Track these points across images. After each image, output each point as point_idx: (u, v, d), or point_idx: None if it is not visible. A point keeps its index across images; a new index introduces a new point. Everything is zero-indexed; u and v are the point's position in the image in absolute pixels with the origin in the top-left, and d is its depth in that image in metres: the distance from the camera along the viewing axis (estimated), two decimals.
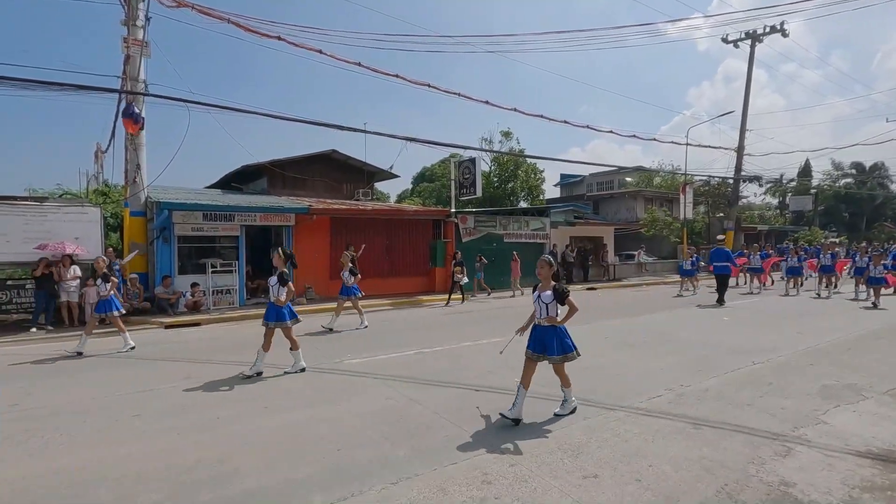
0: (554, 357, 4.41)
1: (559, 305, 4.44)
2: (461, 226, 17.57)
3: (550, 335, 4.44)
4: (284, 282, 6.37)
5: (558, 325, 4.43)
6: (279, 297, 6.33)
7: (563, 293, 4.37)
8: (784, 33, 24.31)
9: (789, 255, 16.92)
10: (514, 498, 3.09)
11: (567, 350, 4.46)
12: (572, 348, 4.48)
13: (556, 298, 4.39)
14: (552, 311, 4.44)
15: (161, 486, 3.32)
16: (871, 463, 3.55)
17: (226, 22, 11.89)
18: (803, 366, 6.38)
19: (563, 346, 4.44)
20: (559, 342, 4.43)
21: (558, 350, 4.41)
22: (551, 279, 4.51)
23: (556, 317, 4.43)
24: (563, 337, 4.48)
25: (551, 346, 4.41)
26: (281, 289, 6.36)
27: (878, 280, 12.58)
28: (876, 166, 51.04)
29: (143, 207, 12.50)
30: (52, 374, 6.65)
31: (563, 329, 4.50)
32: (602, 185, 39.00)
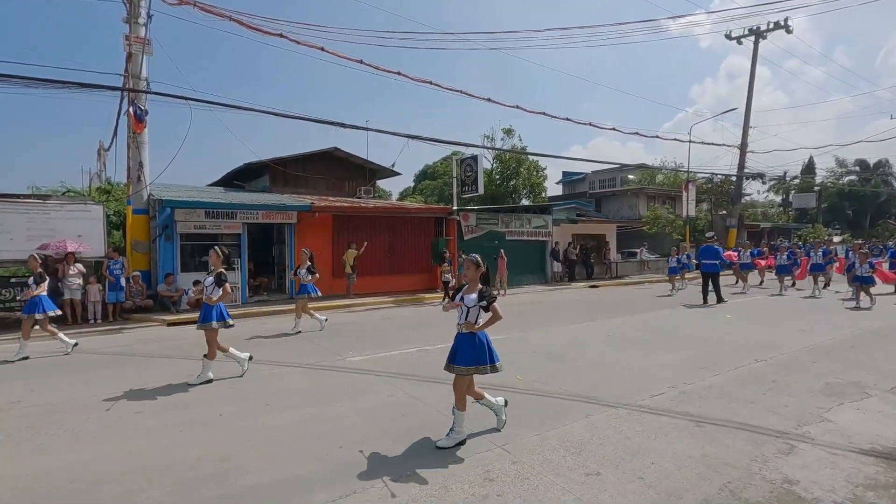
0: (459, 367, 3.86)
1: (482, 311, 3.96)
2: (463, 223, 17.56)
3: (466, 343, 3.93)
4: (221, 283, 5.93)
5: (476, 331, 3.93)
6: (210, 297, 5.91)
7: (489, 298, 3.91)
8: (788, 29, 24.20)
9: (779, 253, 16.39)
10: (516, 495, 3.09)
11: (479, 362, 3.88)
12: (486, 360, 3.90)
13: (480, 303, 3.93)
14: (472, 317, 3.95)
15: (164, 482, 3.33)
16: (875, 461, 3.53)
17: (227, 19, 11.89)
18: (807, 363, 6.36)
19: (475, 357, 3.88)
20: (472, 351, 3.89)
21: (468, 360, 3.87)
22: (479, 281, 4.03)
23: (475, 323, 3.94)
24: (480, 346, 3.92)
25: (462, 355, 3.89)
26: (216, 289, 5.94)
27: (864, 279, 12.03)
28: (880, 163, 50.82)
29: (145, 205, 12.52)
30: (55, 371, 6.67)
31: (482, 337, 3.97)
32: (604, 183, 38.91)
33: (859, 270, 12.07)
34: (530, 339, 8.17)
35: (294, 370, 6.40)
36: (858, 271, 12.09)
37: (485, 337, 3.99)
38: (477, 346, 3.92)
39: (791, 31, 24.30)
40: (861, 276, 11.97)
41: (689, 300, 13.60)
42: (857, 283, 12.13)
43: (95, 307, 10.99)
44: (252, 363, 6.37)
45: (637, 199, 32.69)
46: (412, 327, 9.84)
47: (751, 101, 25.80)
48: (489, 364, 3.92)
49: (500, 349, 6.43)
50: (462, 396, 3.92)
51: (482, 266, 4.06)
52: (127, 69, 11.97)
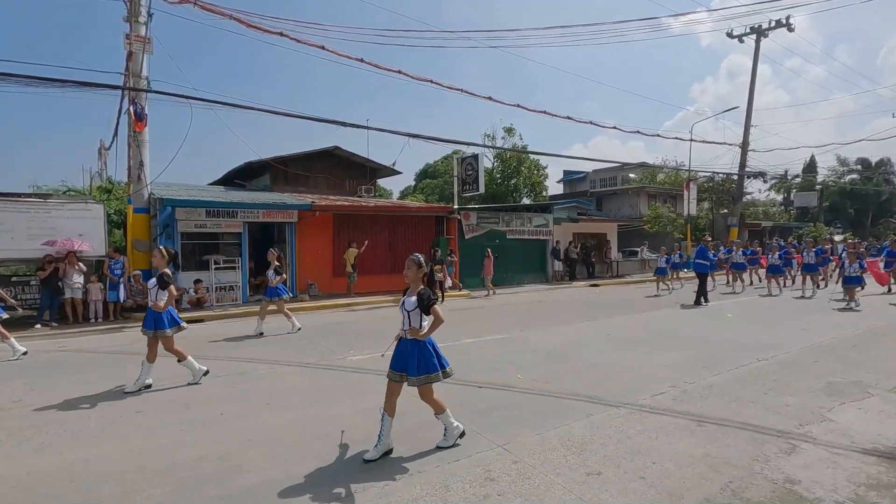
0: (411, 378, 3.67)
1: (423, 315, 3.71)
2: (464, 222, 17.55)
3: (412, 350, 3.70)
4: (165, 285, 5.53)
5: (421, 338, 3.68)
6: (157, 302, 5.49)
7: (428, 300, 3.66)
8: (789, 28, 24.13)
9: (770, 253, 15.93)
10: (516, 495, 3.08)
11: (430, 370, 3.68)
12: (437, 367, 3.71)
13: (420, 306, 3.67)
14: (415, 322, 3.70)
15: (165, 481, 3.33)
16: (876, 461, 3.52)
17: (228, 18, 11.87)
18: (808, 362, 6.34)
19: (425, 365, 3.68)
20: (420, 359, 3.68)
21: (419, 369, 3.66)
22: (420, 283, 3.77)
23: (419, 328, 3.70)
24: (427, 353, 3.70)
25: (411, 365, 3.68)
26: (161, 292, 5.52)
27: (853, 279, 11.70)
28: (882, 162, 50.70)
29: (146, 204, 12.52)
30: (56, 370, 6.67)
31: (428, 344, 3.74)
32: (605, 182, 38.89)
33: (848, 270, 11.81)
34: (531, 339, 8.16)
35: (294, 369, 6.40)
36: (847, 271, 11.83)
37: (430, 342, 3.76)
38: (426, 353, 3.70)
39: (792, 29, 24.23)
40: (850, 276, 11.71)
41: (685, 300, 13.42)
42: (846, 284, 11.84)
43: (96, 306, 11.01)
44: (252, 363, 6.36)
45: (638, 197, 32.66)
46: None
47: (752, 100, 25.75)
48: (440, 370, 3.73)
49: (500, 348, 6.50)
50: (435, 400, 3.77)
51: (424, 266, 3.81)
52: (127, 68, 11.96)
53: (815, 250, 15.11)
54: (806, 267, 14.69)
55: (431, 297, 3.69)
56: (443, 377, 3.76)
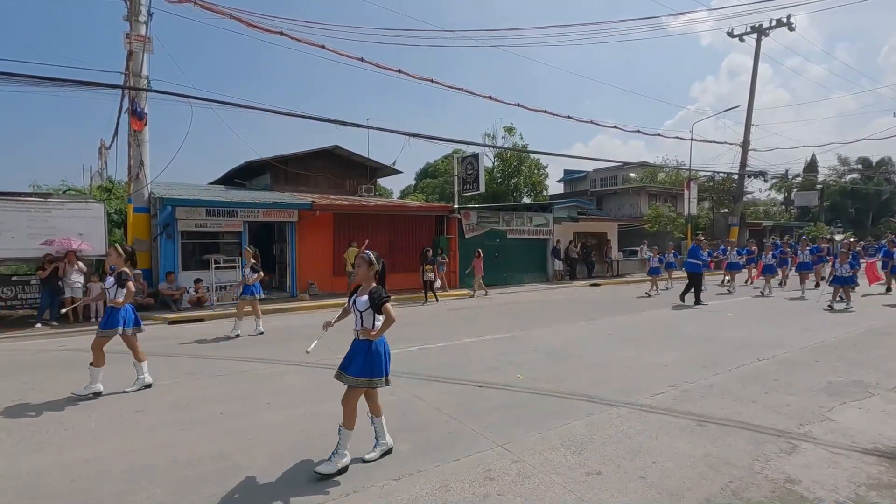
0: (350, 377, 3.50)
1: (375, 315, 3.56)
2: (464, 222, 17.54)
3: (360, 350, 3.55)
4: (123, 282, 5.38)
5: (373, 338, 3.52)
6: (115, 300, 5.35)
7: (379, 299, 3.51)
8: (790, 27, 24.10)
9: (764, 252, 15.70)
10: (516, 494, 3.08)
11: (374, 374, 3.51)
12: (382, 373, 3.55)
13: (372, 305, 3.53)
14: (367, 322, 3.55)
15: (165, 480, 3.33)
16: (877, 460, 3.52)
17: (228, 17, 11.86)
18: (809, 362, 6.34)
19: (369, 368, 3.50)
20: (365, 361, 3.51)
21: (360, 370, 3.49)
22: (373, 281, 3.64)
23: (371, 329, 3.54)
24: (374, 356, 3.54)
25: (354, 364, 3.52)
26: (119, 290, 5.39)
27: (843, 280, 11.49)
28: (883, 161, 50.65)
29: (146, 204, 12.52)
30: (56, 369, 6.67)
31: (380, 346, 3.58)
32: (606, 181, 38.88)
33: (839, 270, 11.61)
34: (531, 338, 8.16)
35: (295, 369, 6.40)
36: (838, 271, 11.63)
37: (382, 346, 3.60)
38: (373, 355, 3.52)
39: (793, 28, 24.19)
40: (841, 276, 11.52)
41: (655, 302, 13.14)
42: (835, 283, 11.63)
43: (97, 305, 11.00)
44: (252, 363, 6.36)
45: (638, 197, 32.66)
46: (413, 326, 9.83)
47: (753, 99, 25.72)
48: (384, 377, 3.57)
49: (501, 348, 6.50)
50: (352, 412, 3.53)
51: (376, 264, 3.65)
52: (128, 67, 11.97)
53: (809, 249, 14.86)
54: (800, 266, 14.46)
55: (383, 296, 3.54)
56: (386, 384, 3.62)
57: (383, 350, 3.62)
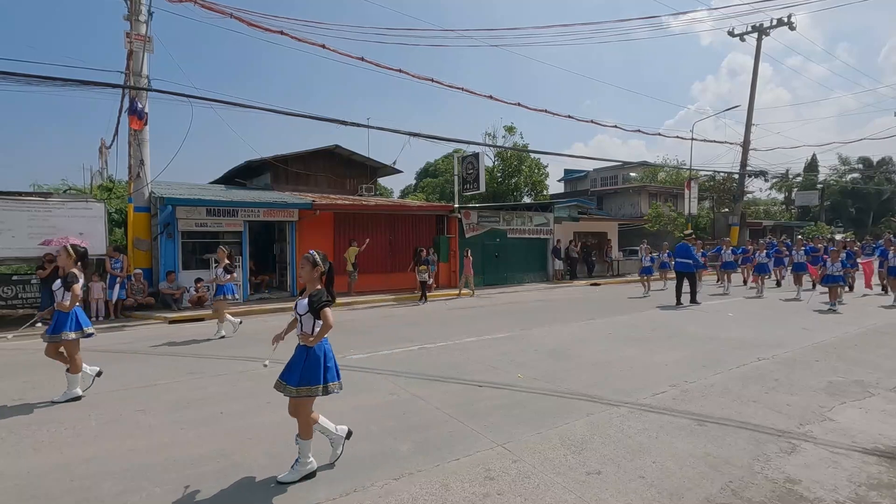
0: (290, 387, 3.31)
1: (315, 320, 3.35)
2: (464, 221, 17.53)
3: (299, 357, 3.38)
4: (69, 285, 5.11)
5: (310, 344, 3.33)
6: (62, 303, 5.10)
7: (318, 302, 3.30)
8: (791, 26, 24.04)
9: (757, 251, 15.25)
10: (516, 494, 3.08)
11: (311, 381, 3.31)
12: (320, 380, 3.33)
13: (311, 309, 3.33)
14: (307, 327, 3.37)
15: (166, 479, 3.33)
16: (877, 460, 3.52)
17: (228, 16, 11.86)
18: (809, 361, 6.34)
19: (307, 376, 3.31)
20: (305, 369, 3.32)
21: (300, 380, 3.30)
22: (318, 283, 3.43)
23: (311, 334, 3.35)
24: (312, 363, 3.34)
25: (293, 373, 3.34)
26: (66, 293, 5.14)
27: (834, 279, 11.18)
28: (883, 161, 50.60)
29: (147, 203, 12.53)
30: (56, 368, 6.66)
31: (319, 351, 3.37)
32: (606, 181, 38.87)
33: (830, 269, 11.38)
34: (532, 337, 8.16)
35: None
36: (829, 270, 11.40)
37: (322, 351, 3.39)
38: (311, 362, 3.33)
39: (794, 27, 24.13)
40: (831, 275, 11.28)
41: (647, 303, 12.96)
42: (825, 282, 11.39)
43: (97, 305, 11.01)
44: (252, 362, 6.36)
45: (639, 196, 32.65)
46: (413, 325, 9.84)
47: (753, 99, 25.67)
48: (321, 384, 3.34)
49: (501, 347, 6.52)
50: (307, 421, 3.40)
51: (321, 264, 3.42)
52: (128, 67, 11.96)
53: (803, 249, 14.49)
54: (795, 266, 14.08)
55: (323, 300, 3.32)
56: (322, 393, 3.35)
57: (323, 356, 3.39)
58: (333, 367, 3.46)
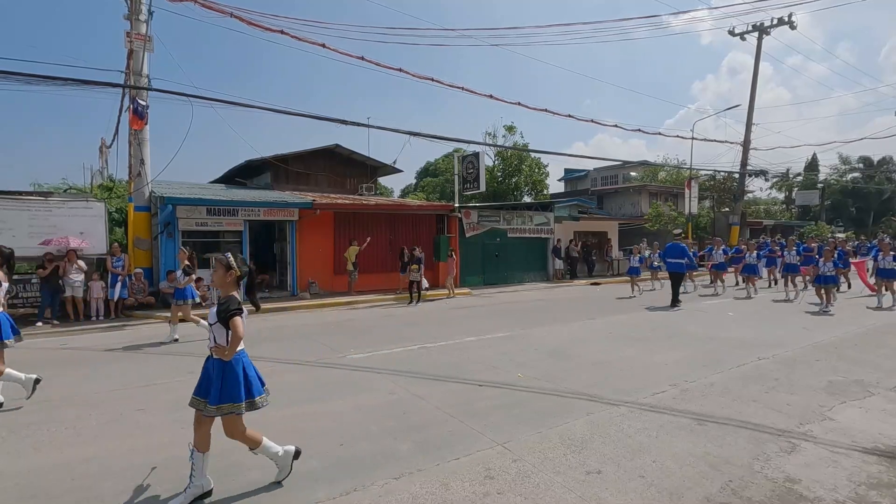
0: (209, 406, 3.02)
1: (227, 330, 3.04)
2: (465, 220, 17.53)
3: (216, 373, 3.06)
4: None
5: (226, 358, 3.04)
6: None
7: (226, 312, 3.02)
8: (792, 25, 24.01)
9: (748, 251, 14.86)
10: (516, 493, 3.08)
11: (233, 398, 3.02)
12: (241, 396, 3.04)
13: (220, 319, 3.05)
14: (220, 338, 3.07)
15: (166, 478, 3.33)
16: (877, 460, 3.52)
17: (228, 16, 11.85)
18: (809, 361, 6.34)
19: (228, 392, 3.02)
20: (223, 385, 3.03)
21: (220, 397, 3.01)
22: (233, 288, 3.17)
23: (224, 346, 3.04)
24: (231, 378, 3.04)
25: (213, 390, 3.04)
26: None
27: (826, 279, 10.95)
28: (884, 160, 50.54)
29: (147, 202, 12.53)
30: (58, 368, 6.68)
31: (237, 365, 3.07)
32: (606, 180, 38.85)
33: (822, 269, 11.14)
34: (532, 337, 8.16)
35: (295, 367, 6.40)
36: (821, 270, 11.15)
37: (239, 364, 3.09)
38: (230, 377, 3.04)
39: (795, 26, 24.10)
40: (823, 275, 11.03)
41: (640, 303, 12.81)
42: (818, 283, 11.18)
43: (98, 304, 11.02)
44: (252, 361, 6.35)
45: (639, 196, 32.59)
46: (413, 325, 9.84)
47: (754, 98, 25.65)
48: (244, 401, 3.05)
49: (501, 347, 6.53)
50: (247, 437, 3.17)
51: (235, 268, 3.15)
52: (128, 66, 11.96)
53: (795, 249, 14.12)
54: (787, 267, 13.72)
55: (231, 308, 3.02)
56: (247, 409, 3.06)
57: (241, 369, 3.09)
58: (256, 379, 3.18)
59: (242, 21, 12.00)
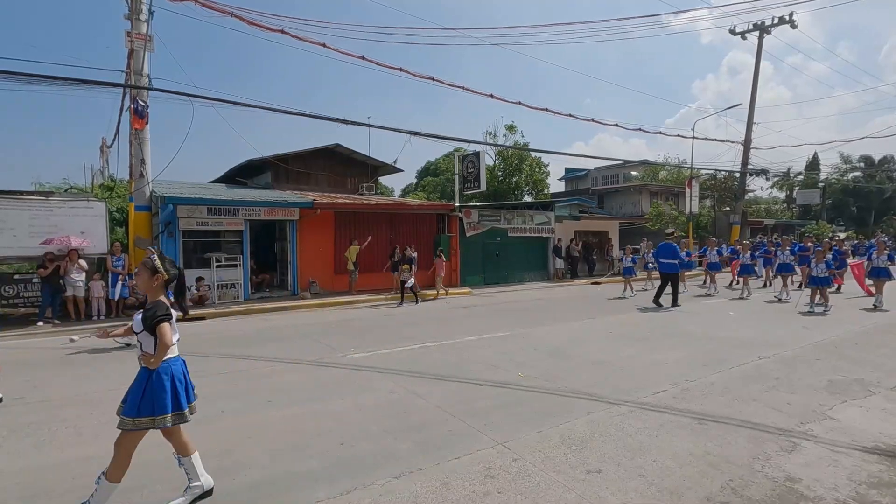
0: (126, 419, 2.87)
1: (154, 337, 2.86)
2: (465, 220, 17.53)
3: (140, 382, 2.89)
4: None
5: (152, 367, 2.86)
6: None
7: (152, 318, 2.83)
8: (793, 24, 23.97)
9: (742, 251, 14.64)
10: (516, 492, 3.08)
11: (156, 410, 2.84)
12: (166, 408, 2.85)
13: (145, 326, 2.86)
14: (147, 346, 2.89)
15: (167, 477, 3.34)
16: (878, 459, 3.52)
17: (228, 16, 11.85)
18: (810, 360, 6.33)
19: (150, 403, 2.84)
20: (144, 395, 2.85)
21: (139, 408, 2.83)
22: (160, 293, 2.97)
23: (151, 355, 2.87)
24: (156, 389, 2.86)
25: (131, 400, 2.87)
26: None
27: (819, 280, 10.78)
28: (885, 159, 50.50)
29: (148, 202, 12.53)
30: (58, 367, 6.69)
31: (164, 374, 2.90)
32: (607, 180, 38.83)
33: (815, 271, 10.91)
34: (532, 336, 8.16)
35: (295, 367, 6.41)
36: (814, 272, 10.92)
37: (167, 373, 2.91)
38: (154, 387, 2.85)
39: (796, 25, 24.06)
40: (816, 276, 10.86)
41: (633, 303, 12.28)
42: (811, 284, 10.97)
43: (99, 303, 11.03)
44: (253, 361, 6.36)
45: (640, 195, 32.59)
46: (414, 324, 9.84)
47: (755, 97, 25.60)
48: (170, 413, 2.87)
49: (502, 346, 6.55)
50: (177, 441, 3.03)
51: (162, 271, 2.96)
52: (129, 66, 11.96)
53: (789, 249, 13.92)
54: (780, 267, 13.50)
55: (158, 314, 2.84)
56: (173, 421, 2.90)
57: (170, 380, 2.91)
58: (184, 390, 3.01)
59: (243, 21, 12.00)
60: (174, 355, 3.02)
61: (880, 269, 11.36)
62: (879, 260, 11.52)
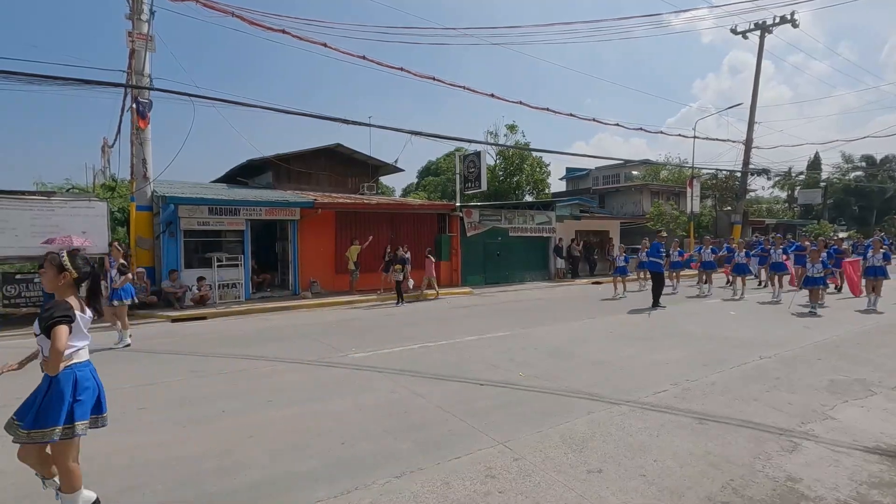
0: (21, 431, 2.65)
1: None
2: (466, 220, 17.53)
3: (38, 391, 2.70)
4: None
5: (51, 373, 2.65)
6: None
7: (49, 319, 2.60)
8: (794, 23, 23.92)
9: (737, 250, 14.35)
10: (517, 492, 3.09)
11: (45, 422, 2.61)
12: (59, 419, 2.61)
13: (42, 329, 2.64)
14: (47, 350, 2.64)
15: (167, 476, 3.35)
16: (879, 459, 3.51)
17: (230, 15, 11.87)
18: (811, 360, 6.32)
19: (43, 415, 2.62)
20: (42, 405, 2.64)
21: (35, 420, 2.62)
22: (68, 293, 2.76)
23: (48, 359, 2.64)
24: (52, 398, 2.64)
25: (30, 411, 2.66)
26: None
27: (814, 280, 10.63)
28: (887, 159, 50.41)
29: (149, 202, 12.56)
30: None
31: (63, 382, 2.66)
32: (608, 179, 38.80)
33: (810, 271, 10.73)
34: (532, 336, 8.16)
35: (296, 367, 6.41)
36: (809, 272, 10.75)
37: (69, 381, 2.68)
38: (51, 396, 2.64)
39: (797, 25, 24.02)
40: (812, 276, 10.69)
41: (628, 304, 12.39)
42: (806, 285, 10.80)
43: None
44: (253, 361, 6.38)
45: (641, 195, 32.55)
46: (414, 324, 9.84)
47: (756, 97, 25.56)
48: (60, 425, 2.61)
49: (502, 346, 6.55)
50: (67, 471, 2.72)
51: (70, 269, 2.74)
52: (130, 66, 11.99)
53: (782, 248, 13.71)
54: (774, 266, 13.36)
55: (54, 315, 2.61)
56: (62, 436, 2.61)
57: (71, 387, 2.67)
58: (88, 401, 2.75)
59: (244, 21, 12.02)
60: (82, 360, 2.79)
61: (877, 267, 11.24)
62: (875, 259, 11.39)
